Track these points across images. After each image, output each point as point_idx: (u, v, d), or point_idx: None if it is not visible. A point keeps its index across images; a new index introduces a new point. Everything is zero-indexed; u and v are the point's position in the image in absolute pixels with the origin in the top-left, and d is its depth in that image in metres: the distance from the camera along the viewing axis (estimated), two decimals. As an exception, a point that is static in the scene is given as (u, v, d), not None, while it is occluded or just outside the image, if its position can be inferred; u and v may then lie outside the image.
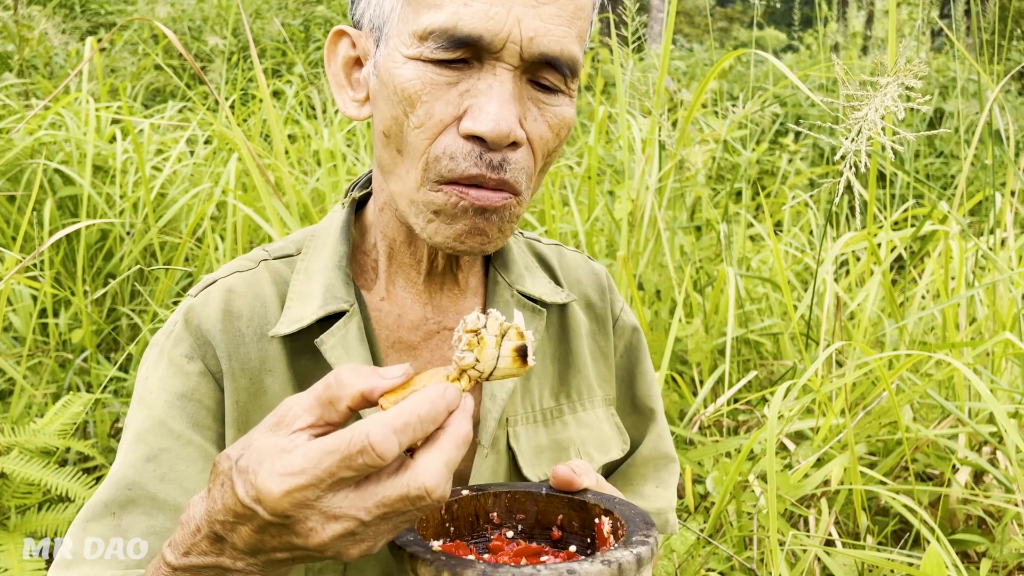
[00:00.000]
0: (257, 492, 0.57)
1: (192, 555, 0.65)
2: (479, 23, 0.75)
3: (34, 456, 1.96)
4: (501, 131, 0.77)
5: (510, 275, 0.99)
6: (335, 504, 0.57)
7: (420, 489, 0.57)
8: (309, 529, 0.57)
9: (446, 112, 0.79)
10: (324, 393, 0.60)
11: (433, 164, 0.80)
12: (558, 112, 0.83)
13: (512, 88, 0.78)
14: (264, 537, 0.60)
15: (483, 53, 0.77)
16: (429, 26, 0.77)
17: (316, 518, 0.57)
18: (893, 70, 1.42)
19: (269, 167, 3.05)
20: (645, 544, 0.68)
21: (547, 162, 0.86)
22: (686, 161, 2.76)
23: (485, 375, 0.64)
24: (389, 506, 0.57)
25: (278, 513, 0.57)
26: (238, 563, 0.63)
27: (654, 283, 2.53)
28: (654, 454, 1.11)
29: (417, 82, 0.78)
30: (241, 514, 0.59)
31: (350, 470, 0.56)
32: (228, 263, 0.96)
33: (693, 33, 15.10)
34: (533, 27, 0.77)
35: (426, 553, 0.65)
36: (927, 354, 1.87)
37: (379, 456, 0.56)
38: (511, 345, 0.64)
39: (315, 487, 0.56)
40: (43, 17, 5.46)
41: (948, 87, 6.21)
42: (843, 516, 2.03)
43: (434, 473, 0.57)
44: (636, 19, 2.78)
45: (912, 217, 3.24)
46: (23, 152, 3.03)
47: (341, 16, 6.64)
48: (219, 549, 0.63)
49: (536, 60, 0.78)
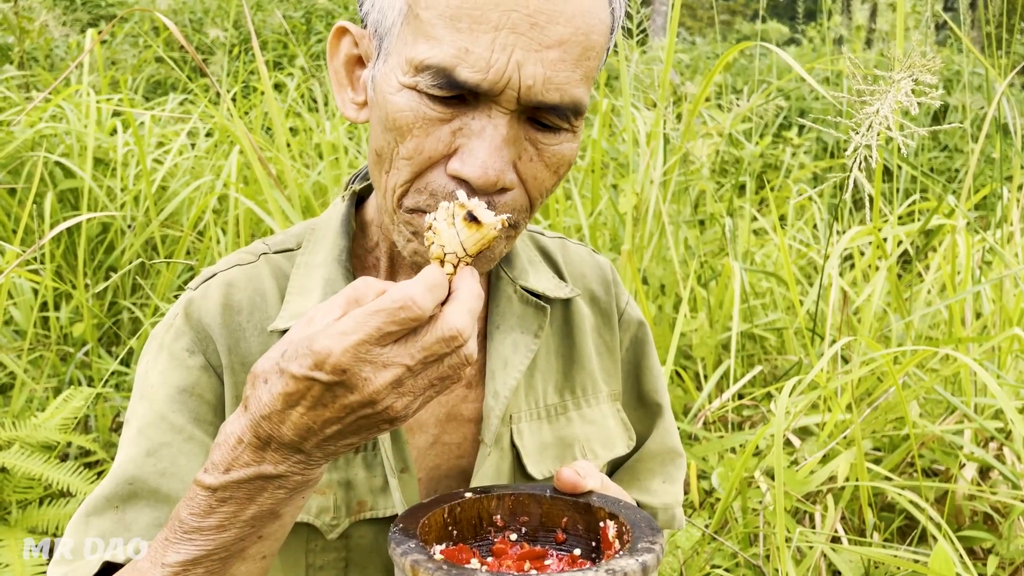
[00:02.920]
0: (315, 358, 0.62)
1: (234, 470, 0.67)
2: (478, 72, 0.72)
3: (35, 451, 1.95)
4: (488, 179, 0.74)
5: (513, 270, 0.98)
6: (385, 354, 0.63)
7: (452, 330, 0.64)
8: (364, 379, 0.63)
9: (435, 149, 0.76)
10: (352, 294, 0.66)
11: (414, 194, 0.79)
12: (557, 151, 0.80)
13: (507, 132, 0.75)
14: (317, 412, 0.64)
15: (480, 95, 0.74)
16: (426, 60, 0.73)
17: (369, 368, 0.63)
18: (907, 64, 1.40)
19: (271, 160, 3.04)
20: (651, 551, 0.67)
21: (544, 199, 0.83)
22: (690, 155, 2.74)
23: (460, 252, 0.68)
24: (428, 349, 0.64)
25: (338, 369, 0.62)
26: (280, 467, 0.67)
27: (658, 277, 2.51)
28: (661, 449, 1.10)
29: (409, 114, 0.75)
30: (294, 392, 0.64)
31: (395, 324, 0.62)
32: (228, 256, 0.94)
33: (695, 26, 15.06)
34: (532, 74, 0.73)
35: (428, 561, 0.64)
36: (934, 349, 1.86)
37: (419, 308, 0.63)
38: (459, 215, 0.69)
39: (367, 342, 0.62)
40: (43, 9, 5.45)
41: (952, 80, 6.18)
42: (849, 512, 2.02)
43: (461, 316, 0.65)
44: (640, 12, 2.76)
45: (918, 211, 3.22)
46: (24, 145, 3.02)
47: (343, 9, 6.62)
48: (260, 457, 0.66)
49: (534, 106, 0.75)
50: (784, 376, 2.43)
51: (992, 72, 2.88)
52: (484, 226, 0.68)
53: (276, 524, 0.71)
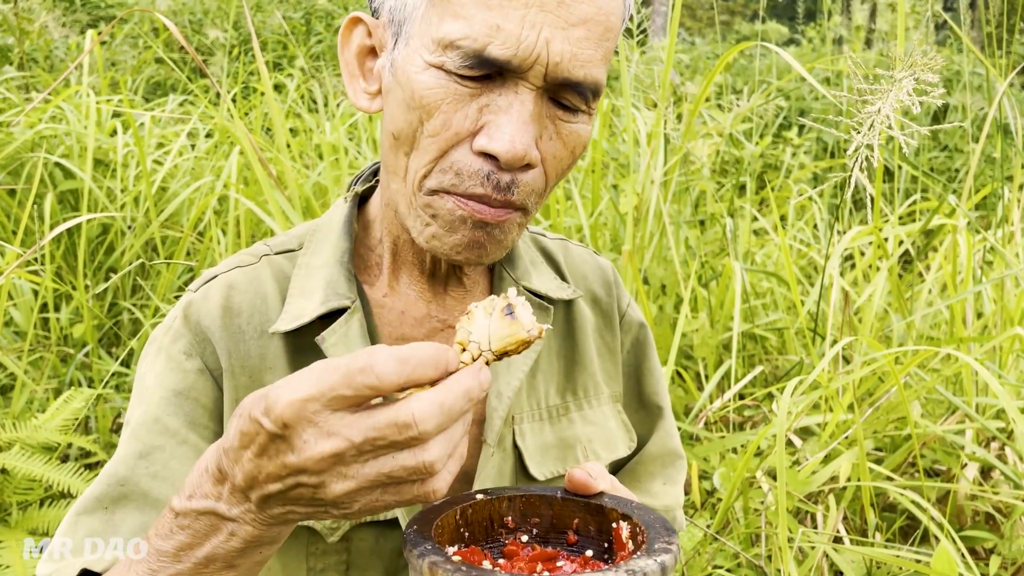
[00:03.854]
0: (267, 404, 0.58)
1: (195, 498, 0.64)
2: (509, 49, 0.74)
3: (35, 452, 1.95)
4: (516, 153, 0.75)
5: (516, 271, 0.98)
6: (331, 422, 0.57)
7: (408, 416, 0.56)
8: (303, 441, 0.58)
9: (463, 126, 0.77)
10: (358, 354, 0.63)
11: (437, 174, 0.79)
12: (575, 129, 0.82)
13: (533, 108, 0.77)
14: (262, 462, 0.60)
15: (507, 72, 0.76)
16: (457, 40, 0.75)
17: (311, 431, 0.57)
18: (909, 63, 1.40)
19: (271, 161, 3.03)
20: (668, 552, 0.67)
21: (558, 180, 0.85)
22: (691, 155, 2.74)
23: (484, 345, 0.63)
24: (378, 431, 0.57)
25: (279, 422, 0.58)
26: (233, 509, 0.63)
27: (659, 278, 2.51)
28: (662, 451, 1.10)
29: (439, 91, 0.76)
30: (247, 432, 0.60)
31: (349, 388, 0.56)
32: (228, 258, 0.94)
33: (695, 26, 15.06)
34: (560, 51, 0.75)
35: (445, 562, 0.64)
36: (935, 349, 1.85)
37: (377, 377, 0.56)
38: (499, 305, 0.64)
39: (317, 400, 0.57)
40: (43, 10, 5.45)
41: (952, 80, 6.18)
42: (851, 512, 2.01)
43: (425, 406, 0.57)
44: (640, 12, 2.76)
45: (919, 211, 3.22)
46: (23, 146, 3.02)
47: (343, 9, 6.62)
48: (219, 493, 0.63)
49: (559, 83, 0.77)
50: (785, 376, 2.42)
51: (992, 72, 2.88)
52: (519, 324, 0.64)
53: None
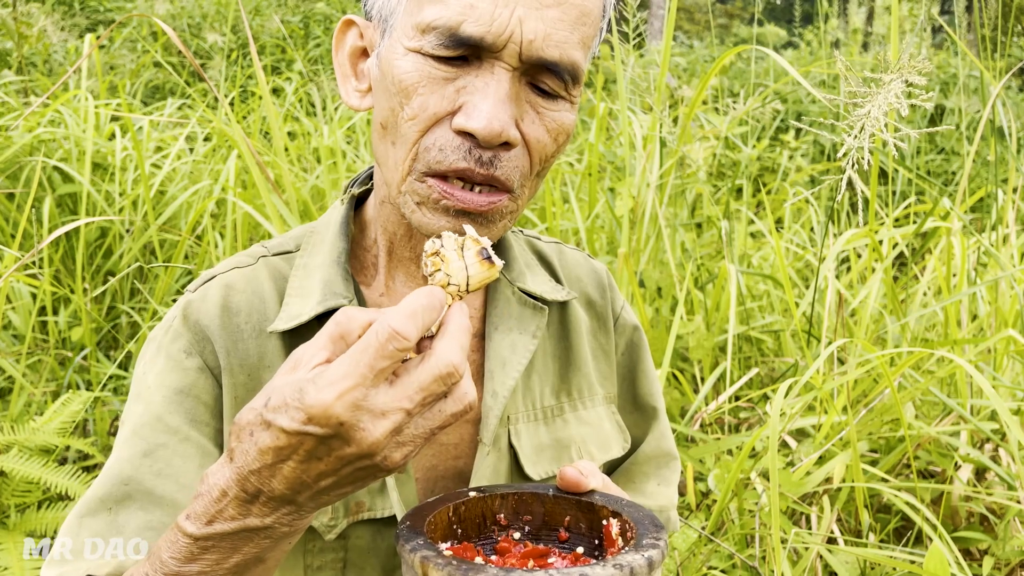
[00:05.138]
0: (307, 412, 0.59)
1: (217, 522, 0.65)
2: (482, 26, 0.76)
3: (34, 454, 1.96)
4: (493, 129, 0.77)
5: (511, 272, 0.99)
6: (380, 401, 0.60)
7: (448, 366, 0.62)
8: (362, 430, 0.60)
9: (440, 106, 0.79)
10: (335, 330, 0.64)
11: (422, 154, 0.80)
12: (557, 118, 0.83)
13: (509, 88, 0.78)
14: (310, 464, 0.62)
15: (483, 52, 0.77)
16: (432, 21, 0.77)
17: (367, 418, 0.60)
18: (897, 66, 1.42)
19: (269, 164, 3.04)
20: (656, 547, 0.68)
21: (544, 167, 0.86)
22: (687, 158, 2.75)
23: (463, 287, 0.67)
24: (426, 389, 0.61)
25: (333, 423, 0.59)
26: (267, 519, 0.65)
27: (655, 280, 2.52)
28: (656, 452, 1.11)
29: (415, 74, 0.79)
30: (285, 447, 0.61)
31: (385, 359, 0.60)
32: (227, 259, 0.95)
33: (693, 29, 15.08)
34: (534, 29, 0.76)
35: (437, 557, 0.64)
36: (929, 351, 1.86)
37: (404, 338, 0.60)
38: (473, 250, 0.68)
39: (361, 385, 0.59)
40: (42, 14, 5.45)
41: (949, 83, 6.19)
42: (845, 514, 2.02)
43: (455, 352, 0.62)
44: (636, 15, 2.77)
45: (914, 214, 3.23)
46: (22, 149, 3.02)
47: (340, 13, 6.63)
48: (246, 511, 0.64)
49: (535, 63, 0.78)
50: (780, 378, 2.43)
51: (987, 75, 2.89)
52: (494, 267, 0.68)
53: (260, 568, 0.70)
